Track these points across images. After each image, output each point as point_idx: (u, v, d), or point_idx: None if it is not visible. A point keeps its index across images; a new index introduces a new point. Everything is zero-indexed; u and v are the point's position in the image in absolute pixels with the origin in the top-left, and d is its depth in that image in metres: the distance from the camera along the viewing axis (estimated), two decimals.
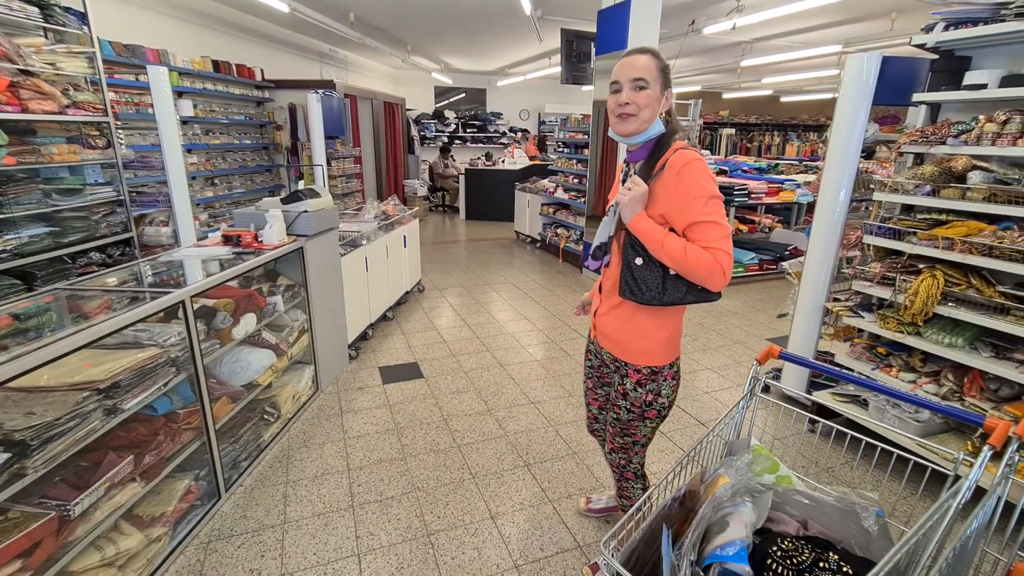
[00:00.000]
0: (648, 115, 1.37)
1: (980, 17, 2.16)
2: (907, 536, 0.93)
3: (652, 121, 1.38)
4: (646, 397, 1.53)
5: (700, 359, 3.84)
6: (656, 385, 1.52)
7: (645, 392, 1.52)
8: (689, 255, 1.28)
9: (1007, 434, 1.07)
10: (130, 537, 1.80)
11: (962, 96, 2.28)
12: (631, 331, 1.50)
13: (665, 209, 1.35)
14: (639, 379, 1.52)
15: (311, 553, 2.01)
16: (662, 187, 1.35)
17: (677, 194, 1.32)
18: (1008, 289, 2.13)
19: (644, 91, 1.35)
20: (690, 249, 1.29)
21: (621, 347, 1.54)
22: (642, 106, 1.36)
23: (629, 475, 1.70)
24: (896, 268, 2.48)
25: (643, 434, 1.61)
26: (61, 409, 1.54)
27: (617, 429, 1.63)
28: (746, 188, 5.69)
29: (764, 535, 1.13)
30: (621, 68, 1.38)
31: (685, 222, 1.32)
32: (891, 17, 6.02)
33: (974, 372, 2.29)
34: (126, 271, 2.39)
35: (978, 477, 1.03)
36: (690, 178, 1.31)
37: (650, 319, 1.47)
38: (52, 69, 3.21)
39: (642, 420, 1.57)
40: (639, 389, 1.52)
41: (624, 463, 1.68)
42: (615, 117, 1.41)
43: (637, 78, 1.34)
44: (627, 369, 1.54)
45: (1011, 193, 2.05)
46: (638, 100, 1.35)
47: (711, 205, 1.30)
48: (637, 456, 1.67)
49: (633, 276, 1.40)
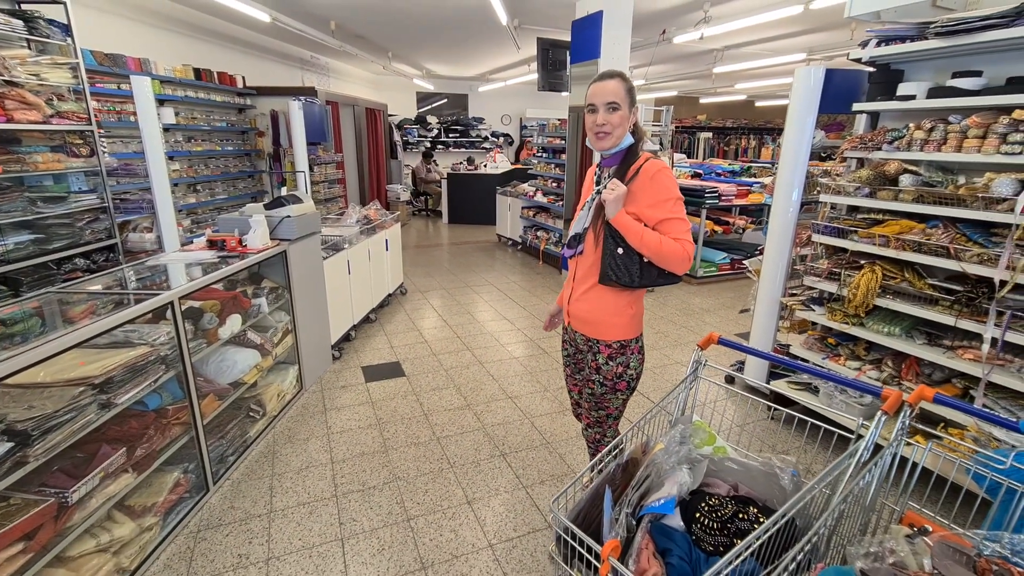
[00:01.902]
0: (620, 132, 1.62)
1: (908, 35, 2.37)
2: (808, 486, 1.10)
3: (624, 136, 1.63)
4: (617, 369, 1.73)
5: (671, 354, 4.02)
6: (625, 358, 1.73)
7: (616, 365, 1.72)
8: (664, 245, 1.53)
9: (900, 402, 1.25)
10: (123, 525, 1.91)
11: (894, 106, 2.49)
12: (602, 310, 1.71)
13: (640, 207, 1.59)
14: (610, 353, 1.72)
15: (296, 539, 2.13)
16: (639, 189, 1.59)
17: (651, 195, 1.58)
18: (937, 282, 2.34)
19: (617, 112, 1.59)
20: (664, 240, 1.54)
21: (593, 326, 1.74)
22: (615, 125, 1.60)
23: (603, 448, 1.87)
24: (841, 264, 2.69)
25: (615, 407, 1.81)
26: (59, 403, 1.64)
27: (592, 404, 1.83)
28: (716, 191, 5.92)
29: (698, 495, 1.29)
30: (596, 92, 1.61)
31: (658, 218, 1.57)
32: (851, 27, 6.32)
33: (910, 359, 2.50)
34: (112, 276, 2.49)
35: (875, 437, 1.21)
36: (661, 183, 1.57)
37: (618, 299, 1.69)
38: (36, 80, 3.28)
39: (614, 392, 1.77)
40: (610, 362, 1.72)
41: (599, 437, 1.88)
42: (593, 135, 1.65)
43: (610, 102, 1.58)
44: (599, 346, 1.73)
45: (937, 195, 2.26)
46: (612, 120, 1.59)
47: (678, 205, 1.59)
48: (611, 430, 1.87)
49: (616, 263, 1.62)
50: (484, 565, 2.01)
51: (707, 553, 1.13)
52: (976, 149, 2.15)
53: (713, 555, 1.13)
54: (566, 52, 6.19)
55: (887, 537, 1.11)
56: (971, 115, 2.19)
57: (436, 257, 7.31)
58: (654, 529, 1.16)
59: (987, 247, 2.11)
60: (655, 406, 1.46)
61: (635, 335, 1.74)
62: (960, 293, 2.23)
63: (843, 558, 1.17)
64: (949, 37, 2.20)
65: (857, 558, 1.06)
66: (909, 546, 1.08)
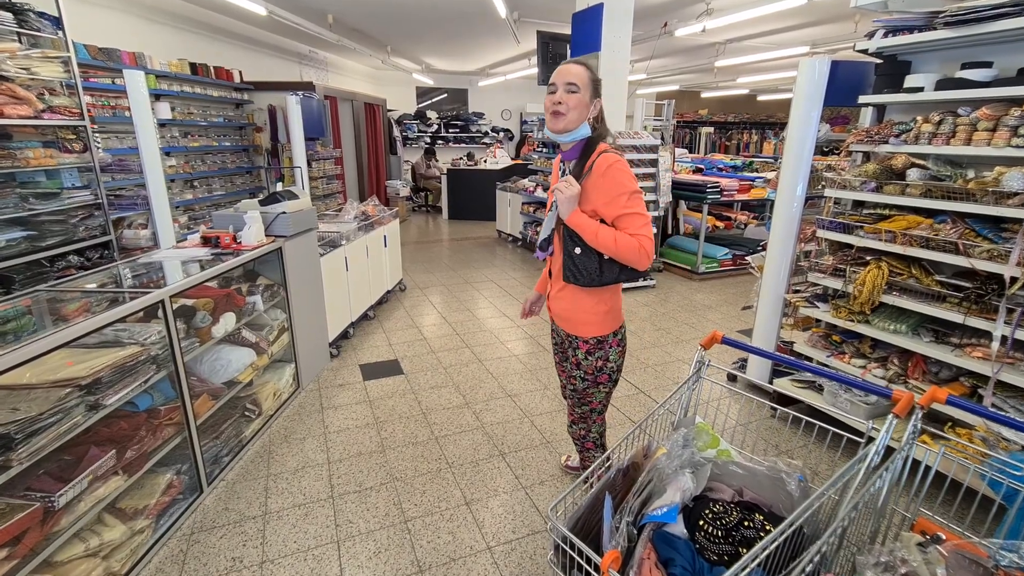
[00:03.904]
0: (575, 116, 1.56)
1: (916, 25, 2.31)
2: (817, 492, 1.06)
3: (580, 123, 1.57)
4: (596, 364, 1.74)
5: (672, 351, 3.98)
6: (603, 352, 1.73)
7: (595, 359, 1.73)
8: (619, 242, 1.50)
9: (911, 404, 1.20)
10: (113, 529, 1.87)
11: (901, 98, 2.43)
12: (576, 309, 1.71)
13: (596, 204, 1.56)
14: (588, 348, 1.73)
15: (292, 541, 2.09)
16: (592, 186, 1.56)
17: (604, 191, 1.53)
18: (944, 278, 2.29)
19: (574, 95, 1.55)
20: (619, 237, 1.51)
21: (570, 323, 1.75)
22: (571, 107, 1.55)
23: (590, 445, 1.91)
24: (846, 260, 2.64)
25: (598, 400, 1.82)
26: (44, 405, 1.60)
27: (575, 400, 1.85)
28: (718, 185, 5.86)
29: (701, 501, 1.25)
30: (558, 73, 1.57)
31: (613, 214, 1.54)
32: (855, 19, 6.24)
33: (917, 356, 2.45)
34: (105, 273, 2.44)
35: (885, 441, 1.16)
36: (614, 178, 1.52)
37: (589, 297, 1.69)
38: (27, 74, 3.23)
39: (596, 386, 1.78)
40: (589, 357, 1.74)
41: (584, 433, 1.89)
42: (549, 115, 1.61)
43: (570, 83, 1.54)
44: (577, 342, 1.74)
45: (944, 189, 2.21)
46: (568, 101, 1.55)
47: (633, 199, 1.52)
48: (596, 425, 1.87)
49: (574, 264, 1.61)
50: (483, 568, 1.97)
51: (711, 563, 1.09)
52: (986, 142, 2.09)
53: (718, 565, 1.09)
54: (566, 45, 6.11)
55: (898, 545, 1.07)
56: (981, 107, 2.13)
57: (436, 253, 7.26)
58: (656, 537, 1.12)
59: (997, 243, 2.06)
60: (657, 407, 1.42)
61: (612, 330, 1.73)
62: (969, 290, 2.18)
63: (853, 567, 1.12)
64: (959, 27, 2.14)
65: (868, 568, 1.02)
66: (922, 555, 1.04)
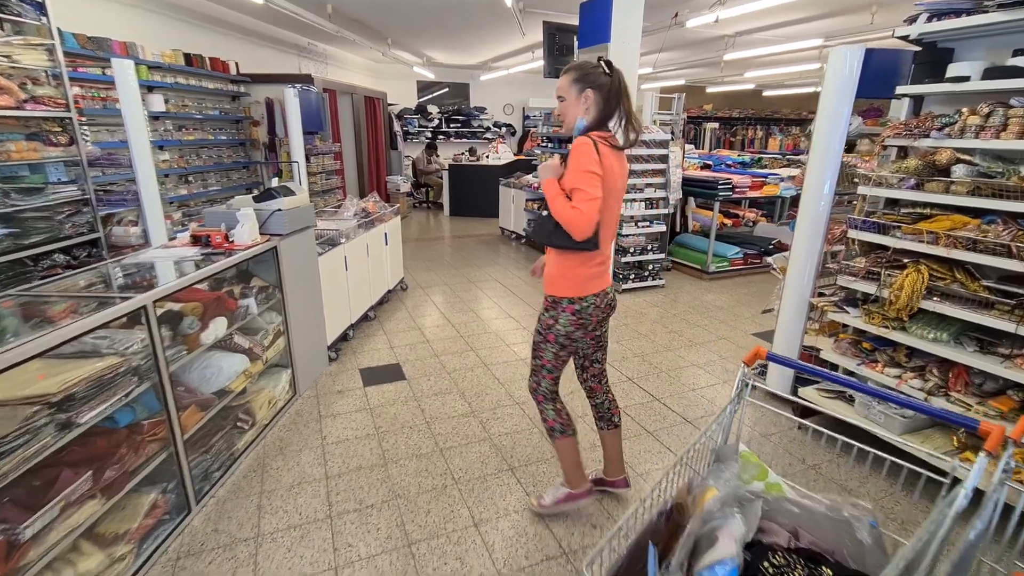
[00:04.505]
0: (569, 119, 1.87)
1: (963, 8, 2.13)
2: (904, 550, 0.89)
3: (575, 120, 1.85)
4: (548, 321, 1.93)
5: (686, 355, 3.81)
6: (556, 312, 1.91)
7: (548, 316, 1.93)
8: (562, 211, 1.71)
9: (1002, 437, 1.03)
10: (91, 557, 1.71)
11: (945, 88, 2.25)
12: (550, 267, 1.94)
13: (564, 179, 1.78)
14: (546, 305, 1.95)
15: (286, 568, 1.93)
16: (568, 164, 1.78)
17: (568, 167, 1.76)
18: (992, 283, 2.11)
19: (563, 103, 1.86)
20: (564, 207, 1.71)
21: (545, 281, 1.97)
22: (564, 114, 1.89)
23: (540, 398, 2.06)
24: (881, 263, 2.46)
25: (547, 359, 1.99)
26: (9, 425, 1.43)
27: (532, 351, 2.05)
28: (730, 182, 5.67)
29: (754, 547, 1.08)
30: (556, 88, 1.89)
31: (568, 187, 1.75)
32: (871, 11, 6.04)
33: (959, 367, 2.28)
34: (88, 274, 2.27)
35: (976, 482, 0.99)
36: (574, 156, 1.73)
37: (559, 259, 1.89)
38: (7, 62, 3.05)
39: (545, 343, 1.97)
40: (545, 313, 1.95)
41: (535, 386, 2.06)
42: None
43: (558, 96, 1.86)
44: (545, 298, 1.96)
45: (995, 187, 2.04)
46: (561, 110, 1.89)
47: (584, 177, 1.69)
48: (544, 381, 2.03)
49: (540, 222, 1.92)
50: None
51: None
52: None
53: None
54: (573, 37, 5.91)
55: None
56: None
57: (437, 251, 7.08)
58: None
59: None
60: (699, 436, 1.25)
61: (565, 295, 1.89)
62: (1022, 296, 2.00)
63: None
64: (1014, 9, 1.96)
65: None
66: None
